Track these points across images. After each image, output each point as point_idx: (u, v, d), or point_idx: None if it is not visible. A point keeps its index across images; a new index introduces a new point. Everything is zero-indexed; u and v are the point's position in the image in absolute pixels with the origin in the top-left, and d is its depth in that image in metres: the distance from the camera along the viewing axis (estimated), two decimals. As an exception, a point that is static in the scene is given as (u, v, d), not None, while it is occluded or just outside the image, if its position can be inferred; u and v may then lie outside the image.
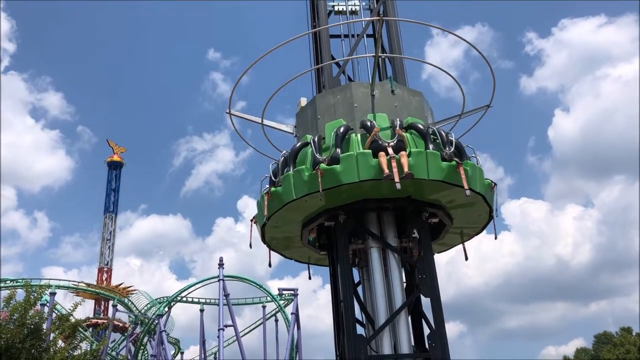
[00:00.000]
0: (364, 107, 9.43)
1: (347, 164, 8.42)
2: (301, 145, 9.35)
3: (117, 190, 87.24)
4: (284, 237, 10.13)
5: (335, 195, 8.60)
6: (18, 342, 10.48)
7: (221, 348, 35.23)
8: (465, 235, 10.39)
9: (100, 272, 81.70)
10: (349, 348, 8.20)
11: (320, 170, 8.36)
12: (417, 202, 8.94)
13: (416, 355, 8.59)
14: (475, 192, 8.77)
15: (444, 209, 9.22)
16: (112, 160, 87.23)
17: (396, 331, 8.57)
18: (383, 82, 9.98)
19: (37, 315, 10.99)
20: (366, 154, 8.46)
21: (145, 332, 44.36)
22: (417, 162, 8.36)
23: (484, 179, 9.27)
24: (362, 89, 9.66)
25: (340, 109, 9.53)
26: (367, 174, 8.32)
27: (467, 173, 8.58)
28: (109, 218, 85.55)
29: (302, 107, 10.53)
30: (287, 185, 8.88)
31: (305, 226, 9.50)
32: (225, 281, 37.94)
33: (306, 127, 9.99)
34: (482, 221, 9.94)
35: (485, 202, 9.19)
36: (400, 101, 9.62)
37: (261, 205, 9.43)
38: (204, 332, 45.51)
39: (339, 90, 9.89)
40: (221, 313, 35.95)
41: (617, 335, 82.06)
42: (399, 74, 10.80)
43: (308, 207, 8.99)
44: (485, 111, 11.28)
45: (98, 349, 12.45)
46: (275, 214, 9.12)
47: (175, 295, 43.01)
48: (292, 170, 8.98)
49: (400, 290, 8.81)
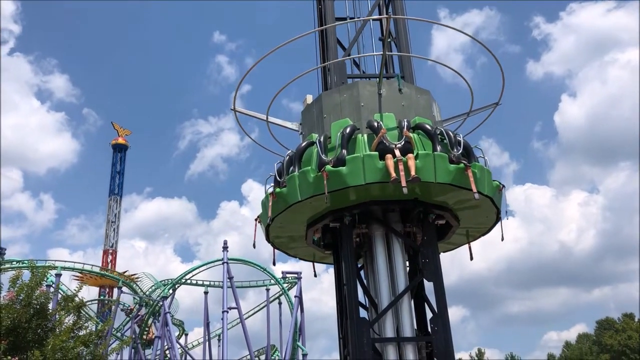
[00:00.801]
0: (371, 106, 9.26)
1: (353, 166, 8.28)
2: (307, 145, 9.22)
3: (122, 173, 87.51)
4: (288, 236, 10.07)
5: (341, 197, 8.49)
6: (24, 321, 10.58)
7: (225, 330, 35.56)
8: (471, 236, 10.29)
9: (105, 254, 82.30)
10: (352, 331, 8.25)
11: (325, 172, 8.24)
12: (424, 204, 8.81)
13: (419, 338, 8.63)
14: (483, 194, 8.67)
15: (451, 211, 9.12)
16: (117, 142, 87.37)
17: (399, 315, 8.61)
18: (390, 80, 9.81)
19: (43, 295, 11.07)
20: (373, 156, 8.32)
21: (149, 314, 44.78)
22: (425, 165, 8.23)
23: (492, 181, 9.14)
24: (369, 87, 9.49)
25: (346, 108, 9.37)
26: (374, 177, 8.18)
27: (476, 176, 8.45)
28: (113, 200, 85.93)
29: (308, 104, 10.36)
30: (292, 186, 8.77)
31: (310, 226, 9.41)
32: (229, 264, 38.20)
33: (312, 125, 9.85)
34: (489, 222, 9.83)
35: (493, 204, 9.07)
36: (408, 100, 9.47)
37: (265, 205, 9.36)
38: (208, 314, 46.00)
39: (345, 88, 9.74)
40: (225, 295, 36.23)
41: (619, 321, 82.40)
42: (407, 72, 10.62)
43: (313, 208, 8.88)
44: (493, 109, 11.13)
45: (103, 329, 12.58)
46: (280, 215, 9.04)
47: (180, 277, 43.32)
48: (298, 171, 8.86)
49: (403, 274, 8.82)
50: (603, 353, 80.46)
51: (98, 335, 11.77)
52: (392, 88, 9.52)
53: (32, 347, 10.28)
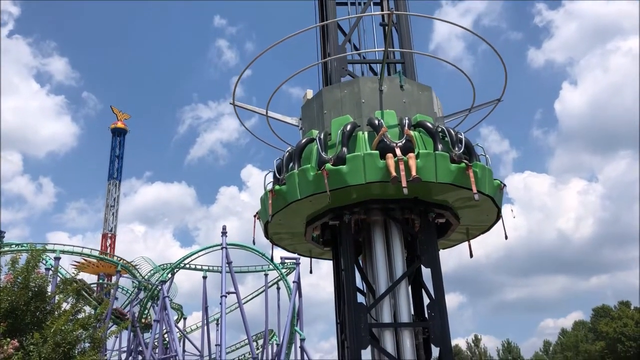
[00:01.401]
0: (372, 103, 9.18)
1: (353, 164, 8.22)
2: (306, 142, 9.13)
3: (121, 157, 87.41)
4: (287, 232, 10.06)
5: (341, 195, 8.42)
6: (23, 304, 10.61)
7: (223, 314, 35.76)
8: (470, 234, 10.27)
9: (104, 238, 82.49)
10: (350, 316, 8.29)
11: (326, 171, 8.18)
12: (424, 203, 8.77)
13: (415, 324, 8.67)
14: (484, 194, 8.62)
15: (451, 209, 9.08)
16: (116, 126, 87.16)
17: (396, 300, 8.65)
18: (392, 77, 9.70)
19: (41, 278, 11.10)
20: (373, 155, 8.25)
21: (148, 298, 44.99)
22: (426, 164, 8.16)
23: (493, 180, 9.09)
24: (370, 84, 9.40)
25: (347, 105, 9.29)
26: (374, 176, 8.12)
27: (477, 175, 8.39)
28: (112, 185, 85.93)
29: (308, 99, 10.26)
30: (292, 184, 8.71)
31: (309, 224, 9.38)
32: (228, 249, 38.29)
33: (312, 121, 9.77)
34: (490, 221, 9.81)
35: (494, 203, 9.03)
36: (409, 97, 9.38)
37: (265, 202, 9.30)
38: (207, 298, 46.25)
39: (346, 84, 9.64)
40: (224, 280, 36.38)
41: (615, 309, 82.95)
42: (409, 67, 10.50)
43: (312, 206, 8.84)
44: (495, 105, 11.02)
45: (101, 312, 12.64)
46: (279, 212, 8.99)
47: (179, 262, 43.47)
48: (297, 169, 8.78)
49: (401, 261, 8.84)
50: (598, 340, 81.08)
51: (97, 318, 11.81)
52: (393, 84, 9.41)
53: (31, 330, 10.31)
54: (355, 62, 11.19)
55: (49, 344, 9.82)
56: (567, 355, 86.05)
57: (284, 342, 40.56)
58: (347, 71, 10.70)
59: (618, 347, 75.06)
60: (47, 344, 9.79)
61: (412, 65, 10.60)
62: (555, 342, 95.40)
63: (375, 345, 8.35)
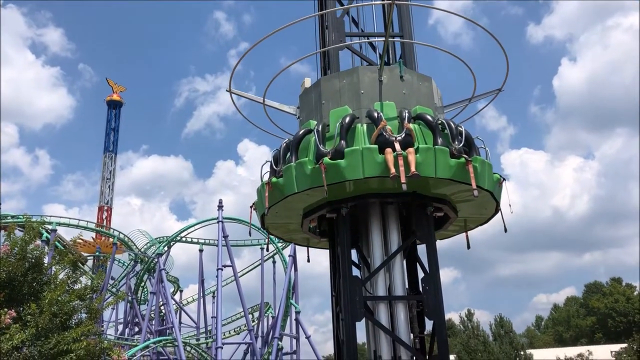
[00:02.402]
0: (371, 94, 8.98)
1: (351, 159, 8.06)
2: (304, 133, 8.95)
3: (116, 130, 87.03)
4: (283, 223, 9.97)
5: (338, 189, 8.31)
6: (20, 275, 10.64)
7: (219, 287, 36.11)
8: (468, 226, 10.20)
9: (100, 210, 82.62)
10: (345, 288, 8.35)
11: (323, 165, 8.05)
12: (423, 197, 8.67)
13: (410, 297, 8.75)
14: (483, 189, 8.52)
15: (450, 203, 8.98)
16: (112, 99, 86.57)
17: (391, 274, 8.71)
18: (392, 67, 9.48)
19: (37, 249, 11.12)
20: (372, 149, 8.09)
21: (145, 270, 45.29)
22: (425, 159, 8.04)
23: (493, 174, 8.97)
24: (369, 73, 9.20)
25: (346, 95, 9.10)
26: (373, 171, 7.98)
27: (476, 170, 8.26)
28: (108, 157, 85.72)
29: (307, 88, 10.04)
30: (289, 177, 8.57)
31: (306, 216, 9.28)
32: (224, 223, 38.45)
33: (310, 110, 9.59)
34: (488, 214, 9.72)
35: (493, 197, 8.93)
36: (409, 88, 9.20)
37: (261, 194, 9.17)
38: (203, 271, 46.68)
39: (345, 74, 9.43)
40: (220, 254, 36.64)
41: (607, 285, 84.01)
42: (409, 57, 10.28)
43: (309, 199, 8.73)
44: (496, 95, 10.87)
45: (98, 284, 12.70)
46: (276, 204, 8.90)
47: (175, 235, 43.68)
48: (295, 162, 8.64)
49: (396, 235, 8.86)
50: (590, 316, 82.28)
51: (93, 289, 11.86)
52: (393, 75, 9.22)
53: (28, 300, 10.37)
54: (353, 34, 11.06)
55: (46, 314, 9.87)
56: (558, 329, 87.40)
57: (279, 314, 41.02)
58: (347, 47, 10.58)
59: (608, 322, 76.24)
60: (44, 315, 9.85)
61: (412, 53, 10.37)
62: (547, 317, 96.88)
63: (370, 318, 8.43)
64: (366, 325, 8.72)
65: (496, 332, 50.64)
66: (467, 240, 10.35)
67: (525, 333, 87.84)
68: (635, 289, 78.58)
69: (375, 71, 9.22)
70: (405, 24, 10.57)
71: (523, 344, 55.97)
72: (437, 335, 8.30)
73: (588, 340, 76.33)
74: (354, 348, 8.20)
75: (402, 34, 10.59)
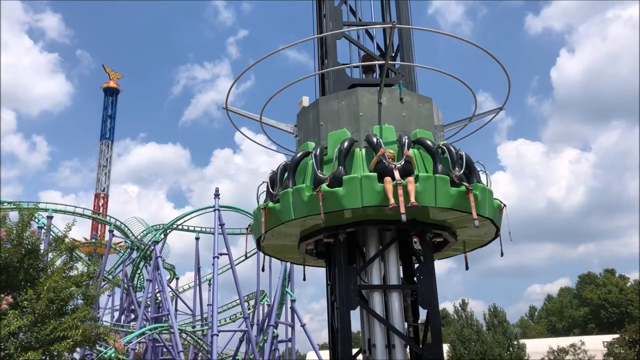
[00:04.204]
0: (370, 116, 8.83)
1: (350, 187, 7.90)
2: (302, 156, 8.83)
3: (113, 117, 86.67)
4: (280, 245, 9.92)
5: (336, 215, 8.17)
6: (16, 261, 10.68)
7: (216, 275, 36.18)
8: (467, 247, 10.11)
9: (96, 198, 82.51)
10: (340, 277, 8.41)
11: (321, 193, 7.90)
12: (422, 224, 8.54)
13: (404, 286, 8.81)
14: (484, 217, 8.41)
15: (449, 229, 8.88)
16: (108, 86, 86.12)
17: (386, 263, 8.76)
18: (391, 88, 9.32)
19: (33, 236, 11.15)
20: (371, 177, 7.93)
21: (141, 258, 45.34)
22: (425, 188, 7.89)
23: (494, 200, 8.83)
24: (368, 95, 9.04)
25: (344, 117, 8.95)
26: (371, 200, 7.83)
27: (477, 198, 8.12)
28: (105, 145, 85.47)
29: (304, 107, 9.89)
30: (286, 203, 8.45)
31: (303, 240, 9.19)
32: (220, 211, 38.48)
33: (307, 131, 9.45)
34: (488, 237, 9.61)
35: (493, 223, 8.82)
36: (409, 110, 9.07)
37: (257, 218, 9.04)
38: (199, 259, 46.74)
39: (343, 95, 9.26)
40: (216, 242, 36.69)
41: (600, 277, 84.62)
42: (409, 78, 10.11)
43: (307, 223, 8.60)
44: (496, 113, 10.72)
45: (94, 271, 12.75)
46: (272, 229, 8.81)
47: (172, 222, 43.71)
48: (292, 187, 8.51)
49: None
50: (583, 306, 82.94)
51: (89, 276, 11.92)
52: (392, 97, 9.08)
53: (25, 287, 10.43)
54: (351, 23, 11.02)
55: (43, 300, 9.93)
56: (551, 320, 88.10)
57: (275, 302, 41.21)
58: (343, 34, 10.54)
59: (601, 313, 76.89)
60: (41, 301, 9.91)
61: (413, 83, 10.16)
62: (541, 308, 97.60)
63: (364, 307, 8.49)
64: (361, 314, 8.79)
65: (490, 322, 50.96)
66: (466, 261, 10.22)
67: (519, 323, 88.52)
68: (628, 280, 79.23)
69: (374, 93, 9.05)
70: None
71: (516, 333, 56.40)
72: (431, 324, 8.37)
73: (581, 330, 77.06)
74: (349, 336, 8.27)
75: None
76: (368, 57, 10.53)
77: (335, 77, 10.09)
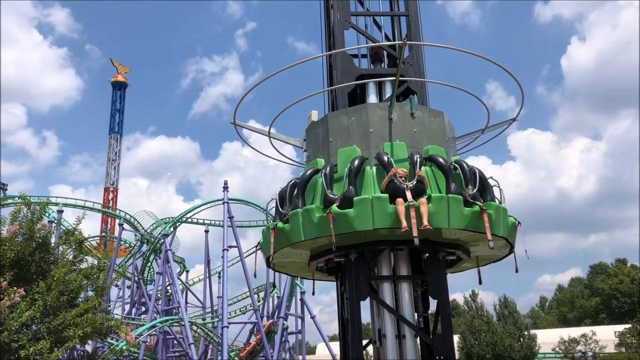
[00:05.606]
0: (380, 133, 8.63)
1: (361, 209, 7.71)
2: (311, 174, 8.69)
3: (121, 111, 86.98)
4: (290, 262, 9.81)
5: (347, 236, 7.99)
6: (27, 254, 10.77)
7: (225, 268, 36.31)
8: (480, 262, 9.92)
9: (106, 191, 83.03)
10: (349, 269, 8.39)
11: (331, 214, 7.73)
12: (435, 243, 8.35)
13: (414, 277, 8.78)
14: (498, 236, 8.21)
15: (463, 247, 8.72)
16: (116, 80, 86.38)
17: (395, 254, 8.73)
18: (402, 103, 9.16)
19: (44, 229, 11.24)
20: (382, 199, 7.73)
21: (151, 251, 45.60)
22: (438, 210, 7.68)
23: (508, 218, 8.64)
24: (379, 111, 8.85)
25: (354, 134, 8.77)
26: (383, 222, 7.64)
27: (491, 218, 7.91)
28: (114, 139, 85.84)
29: (313, 122, 9.73)
30: (295, 224, 8.30)
31: (314, 259, 9.07)
32: (230, 204, 38.55)
33: (317, 147, 9.29)
34: (501, 254, 9.43)
35: (507, 241, 8.65)
36: (421, 125, 8.85)
37: (267, 237, 8.92)
38: (209, 252, 46.92)
39: (353, 111, 9.06)
40: (225, 234, 36.78)
41: (611, 266, 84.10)
42: (420, 92, 9.97)
43: (317, 242, 8.46)
44: (509, 124, 10.51)
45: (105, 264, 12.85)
46: (282, 249, 8.71)
47: (181, 216, 43.83)
48: (301, 207, 8.37)
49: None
50: (594, 296, 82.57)
51: (99, 268, 12.01)
52: (403, 112, 8.87)
53: (36, 279, 10.51)
54: (359, 14, 10.92)
55: (54, 292, 10.02)
56: (562, 310, 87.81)
57: (284, 294, 41.33)
58: (351, 24, 10.47)
59: (612, 303, 76.51)
60: (52, 293, 10.00)
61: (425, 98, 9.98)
62: (552, 298, 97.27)
63: (374, 297, 8.46)
64: (371, 305, 8.76)
65: (500, 313, 50.81)
66: (479, 276, 10.04)
67: (530, 314, 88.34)
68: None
69: (384, 108, 8.86)
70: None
71: (527, 324, 56.22)
72: (441, 314, 8.32)
73: (592, 320, 76.73)
74: (359, 327, 8.25)
75: (407, 12, 10.45)
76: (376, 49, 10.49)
77: (343, 68, 10.02)
